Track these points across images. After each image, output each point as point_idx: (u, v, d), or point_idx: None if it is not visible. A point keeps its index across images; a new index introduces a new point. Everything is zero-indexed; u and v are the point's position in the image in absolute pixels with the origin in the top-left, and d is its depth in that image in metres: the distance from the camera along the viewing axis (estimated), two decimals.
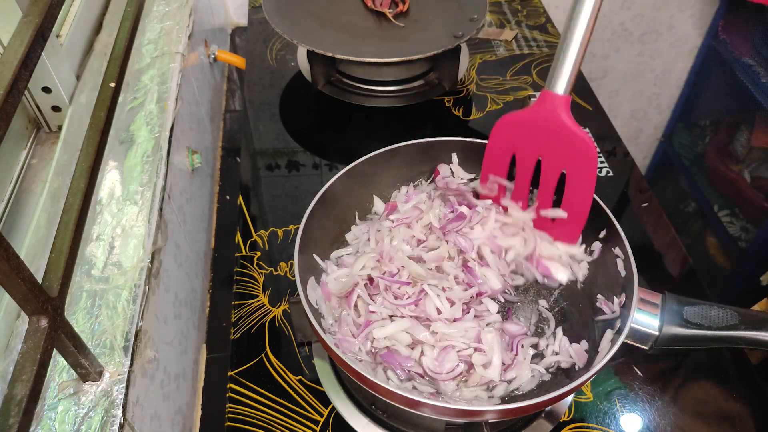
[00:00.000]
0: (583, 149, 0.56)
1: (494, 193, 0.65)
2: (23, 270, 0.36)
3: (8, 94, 0.37)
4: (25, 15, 0.44)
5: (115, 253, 0.56)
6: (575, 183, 0.59)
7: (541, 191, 0.62)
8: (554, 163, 0.59)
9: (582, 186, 0.58)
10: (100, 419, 0.45)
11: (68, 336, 0.42)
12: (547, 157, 0.60)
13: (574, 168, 0.58)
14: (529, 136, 0.59)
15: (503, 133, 0.62)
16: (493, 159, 0.64)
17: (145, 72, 0.77)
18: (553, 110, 0.56)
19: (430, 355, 0.55)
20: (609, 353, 0.49)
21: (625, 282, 0.56)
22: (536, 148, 0.60)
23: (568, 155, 0.57)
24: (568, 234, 0.62)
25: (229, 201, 0.98)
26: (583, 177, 0.58)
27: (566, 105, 0.56)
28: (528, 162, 0.61)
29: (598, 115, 0.98)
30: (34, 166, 0.69)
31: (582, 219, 0.60)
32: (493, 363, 0.54)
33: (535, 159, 0.60)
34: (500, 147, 0.63)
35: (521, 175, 0.63)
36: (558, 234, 0.63)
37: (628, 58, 1.69)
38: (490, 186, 0.65)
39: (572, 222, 0.61)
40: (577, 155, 0.57)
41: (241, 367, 0.66)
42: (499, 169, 0.64)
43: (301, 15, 0.95)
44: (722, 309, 0.53)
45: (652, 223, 0.84)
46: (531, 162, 0.61)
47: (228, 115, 1.14)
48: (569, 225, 0.61)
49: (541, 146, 0.59)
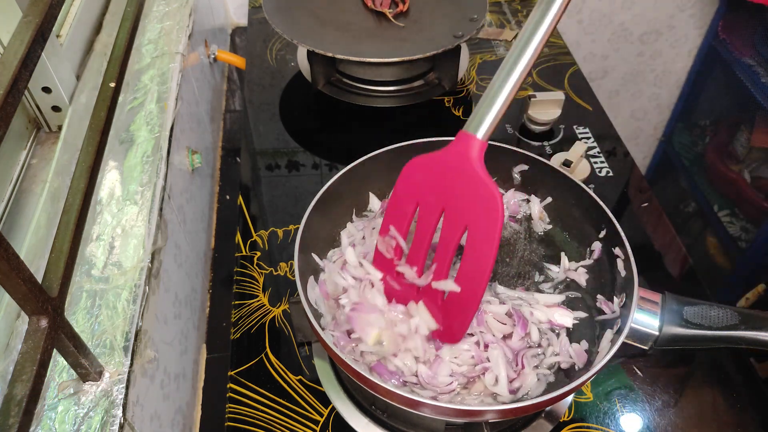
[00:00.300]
0: (487, 200, 0.48)
1: (390, 253, 0.56)
2: (23, 270, 0.36)
3: (8, 94, 0.37)
4: (25, 15, 0.44)
5: (115, 253, 0.56)
6: (474, 246, 0.49)
7: (438, 255, 0.52)
8: (457, 217, 0.50)
9: (480, 250, 0.48)
10: (100, 419, 0.45)
11: (68, 336, 0.42)
12: (450, 209, 0.51)
13: (476, 225, 0.49)
14: (435, 182, 0.51)
15: (411, 178, 0.54)
16: (397, 208, 0.54)
17: (145, 72, 0.77)
18: (465, 153, 0.50)
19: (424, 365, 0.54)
20: (609, 353, 0.49)
21: (625, 282, 0.56)
22: (441, 198, 0.51)
23: (471, 208, 0.49)
24: (453, 324, 0.51)
25: (229, 201, 0.98)
26: (483, 237, 0.48)
27: (481, 151, 0.50)
28: (430, 216, 0.52)
29: (598, 115, 0.98)
30: (34, 166, 0.69)
31: (474, 302, 0.50)
32: (500, 379, 0.53)
33: (439, 213, 0.52)
34: (406, 194, 0.54)
35: (421, 231, 0.53)
36: (443, 323, 0.52)
37: (628, 58, 1.69)
38: (388, 241, 0.56)
39: (463, 304, 0.50)
40: (480, 208, 0.48)
41: (241, 367, 0.66)
42: (402, 221, 0.55)
43: (301, 15, 0.95)
44: (722, 309, 0.53)
45: (652, 223, 0.84)
46: (434, 216, 0.52)
47: (228, 115, 1.14)
48: (458, 309, 0.51)
49: (446, 196, 0.51)
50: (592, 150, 0.92)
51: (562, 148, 0.91)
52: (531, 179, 0.68)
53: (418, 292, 0.54)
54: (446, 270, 0.52)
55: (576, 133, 0.94)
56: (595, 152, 0.91)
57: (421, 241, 0.53)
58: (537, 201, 0.68)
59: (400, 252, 0.55)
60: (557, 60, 1.09)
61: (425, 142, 0.67)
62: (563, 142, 0.93)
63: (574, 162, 0.83)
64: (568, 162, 0.83)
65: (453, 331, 0.52)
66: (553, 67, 1.08)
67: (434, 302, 0.53)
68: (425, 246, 0.53)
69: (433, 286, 0.52)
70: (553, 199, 0.67)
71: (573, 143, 0.85)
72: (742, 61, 1.50)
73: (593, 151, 0.91)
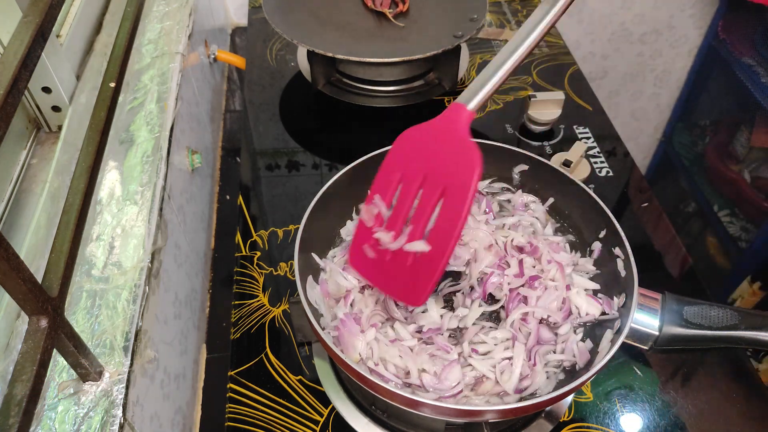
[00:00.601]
0: (465, 156, 0.49)
1: (371, 221, 0.56)
2: (23, 270, 0.36)
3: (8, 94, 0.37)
4: (25, 15, 0.44)
5: (115, 253, 0.56)
6: (447, 204, 0.50)
7: (414, 217, 0.52)
8: (436, 180, 0.51)
9: (453, 207, 0.49)
10: (100, 419, 0.45)
11: (68, 336, 0.42)
12: (431, 174, 0.52)
13: (453, 184, 0.49)
14: (421, 151, 0.53)
15: (400, 149, 0.55)
16: (384, 179, 0.55)
17: (145, 72, 0.77)
18: (453, 119, 0.52)
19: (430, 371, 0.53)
20: (609, 353, 0.49)
21: (625, 282, 0.56)
22: (424, 164, 0.52)
23: (450, 169, 0.50)
24: (418, 286, 0.51)
25: (229, 201, 0.98)
26: (458, 194, 0.49)
27: (468, 119, 0.52)
28: (412, 183, 0.53)
29: (598, 115, 0.98)
30: (34, 166, 0.69)
31: (440, 262, 0.49)
32: (513, 376, 0.53)
33: (421, 179, 0.52)
34: (393, 165, 0.55)
35: (402, 198, 0.53)
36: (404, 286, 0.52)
37: (628, 58, 1.69)
38: (371, 210, 0.56)
39: (430, 264, 0.50)
40: (459, 165, 0.50)
41: (241, 367, 0.66)
42: (386, 190, 0.55)
43: (301, 15, 0.95)
44: (722, 309, 0.53)
45: (652, 223, 0.84)
46: (415, 183, 0.53)
47: (228, 115, 1.14)
48: (425, 270, 0.50)
49: (429, 162, 0.52)
50: (592, 150, 0.92)
51: (562, 148, 0.91)
52: (531, 179, 0.68)
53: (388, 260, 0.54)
54: (420, 233, 0.52)
55: (576, 133, 0.94)
56: (595, 152, 0.91)
57: (401, 208, 0.53)
58: (540, 204, 0.67)
59: (380, 221, 0.55)
60: (557, 60, 1.09)
61: None
62: (563, 142, 0.93)
63: (574, 162, 0.83)
64: (568, 162, 0.83)
65: (417, 292, 0.51)
66: (553, 67, 1.08)
67: (403, 267, 0.52)
68: (404, 213, 0.53)
69: (404, 248, 0.52)
70: (553, 200, 0.67)
71: (573, 143, 0.85)
72: (742, 61, 1.50)
73: (593, 151, 0.91)
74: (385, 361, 0.54)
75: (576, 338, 0.56)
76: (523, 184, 0.69)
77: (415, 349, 0.54)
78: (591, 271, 0.61)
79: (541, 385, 0.53)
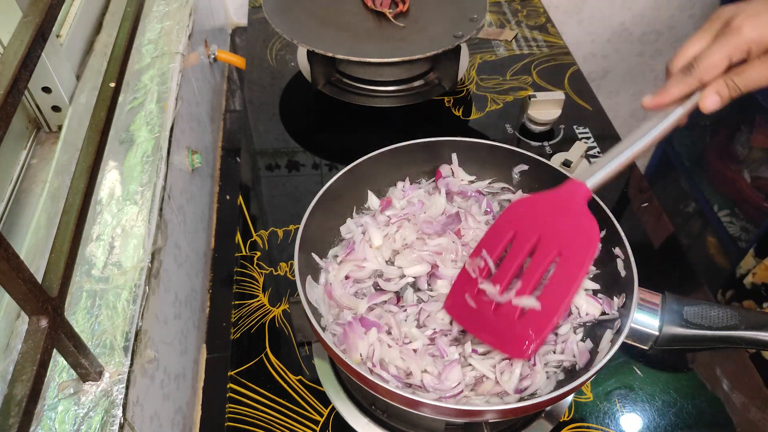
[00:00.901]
0: (586, 229, 0.53)
1: (476, 273, 0.57)
2: (23, 270, 0.36)
3: (8, 94, 0.37)
4: (25, 15, 0.44)
5: (115, 253, 0.56)
6: (563, 267, 0.52)
7: (526, 273, 0.54)
8: (552, 243, 0.54)
9: (569, 271, 0.52)
10: (100, 419, 0.45)
11: (68, 336, 0.42)
12: (546, 236, 0.55)
13: (571, 250, 0.53)
14: (536, 215, 0.56)
15: (514, 211, 0.58)
16: (494, 235, 0.58)
17: (145, 72, 0.77)
18: (573, 192, 0.54)
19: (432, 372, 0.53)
20: (609, 353, 0.49)
21: (625, 282, 0.56)
22: (539, 227, 0.55)
23: (568, 236, 0.53)
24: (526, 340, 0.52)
25: (229, 201, 0.98)
26: (575, 260, 0.52)
27: (586, 196, 0.54)
28: (525, 242, 0.55)
29: (598, 115, 0.98)
30: (34, 166, 0.69)
31: (552, 319, 0.52)
32: (514, 376, 0.53)
33: (534, 240, 0.55)
34: (505, 224, 0.58)
35: (512, 254, 0.56)
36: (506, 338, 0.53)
37: (628, 58, 1.69)
38: (477, 262, 0.58)
39: (541, 320, 0.52)
40: (578, 235, 0.53)
41: (241, 367, 0.66)
42: (496, 246, 0.57)
43: (301, 15, 0.95)
44: (722, 309, 0.53)
45: (652, 223, 0.84)
46: (528, 242, 0.55)
47: (228, 115, 1.14)
48: (535, 326, 0.52)
49: (545, 226, 0.55)
50: (592, 150, 0.92)
51: (562, 148, 0.91)
52: (531, 179, 0.68)
53: (491, 311, 0.55)
54: (530, 290, 0.53)
55: (576, 133, 0.94)
56: (595, 152, 0.91)
57: (511, 263, 0.55)
58: None
59: (485, 274, 0.57)
60: (557, 60, 1.10)
61: (425, 142, 0.67)
62: (563, 142, 0.93)
63: (574, 162, 0.83)
64: (568, 162, 0.83)
65: (523, 345, 0.52)
66: (553, 67, 1.08)
67: (508, 319, 0.53)
68: (514, 268, 0.55)
69: (514, 302, 0.53)
70: None
71: (573, 143, 0.85)
72: None
73: (593, 151, 0.91)
74: (386, 362, 0.54)
75: (576, 338, 0.56)
76: (523, 184, 0.69)
77: (420, 350, 0.54)
78: (591, 271, 0.61)
79: (541, 385, 0.53)
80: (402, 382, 0.53)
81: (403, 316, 0.58)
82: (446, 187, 0.68)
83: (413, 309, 0.58)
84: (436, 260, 0.61)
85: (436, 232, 0.64)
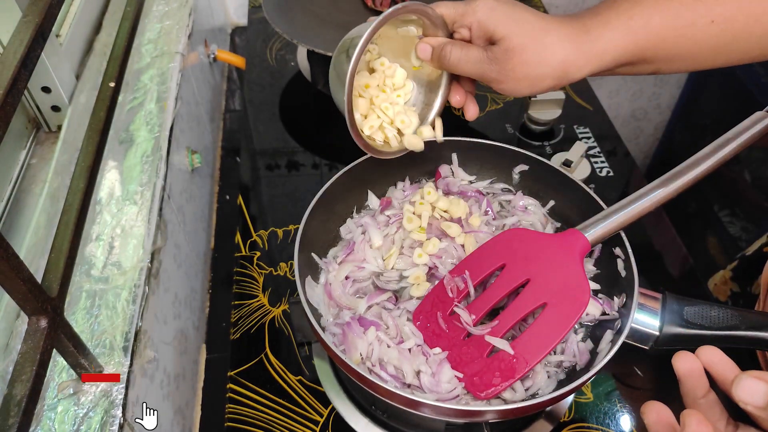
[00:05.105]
0: (577, 289, 0.52)
1: (453, 293, 0.56)
2: (23, 270, 0.36)
3: (8, 94, 0.37)
4: (25, 15, 0.44)
5: (115, 253, 0.56)
6: (545, 322, 0.51)
7: (504, 314, 0.53)
8: (539, 291, 0.52)
9: (550, 327, 0.51)
10: (100, 419, 0.45)
11: (68, 336, 0.42)
12: (535, 282, 0.53)
13: (556, 305, 0.51)
14: (530, 254, 0.54)
15: (508, 240, 0.56)
16: (481, 258, 0.56)
17: (144, 72, 0.77)
18: (572, 243, 0.54)
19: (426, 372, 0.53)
20: (609, 353, 0.49)
21: (625, 282, 0.56)
22: (530, 269, 0.54)
23: (557, 290, 0.52)
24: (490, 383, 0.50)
25: (229, 201, 0.98)
26: (559, 317, 0.51)
27: (585, 249, 0.54)
28: (512, 278, 0.54)
29: (598, 115, 0.98)
30: (33, 166, 0.69)
31: (521, 371, 0.50)
32: None
33: (522, 280, 0.54)
34: (496, 250, 0.56)
35: (496, 287, 0.54)
36: (470, 370, 0.51)
37: None
38: (457, 282, 0.56)
39: (510, 368, 0.50)
40: (568, 292, 0.52)
41: (241, 368, 0.66)
42: (480, 271, 0.56)
43: (301, 15, 0.95)
44: (723, 309, 0.53)
45: (652, 223, 0.84)
46: (515, 280, 0.54)
47: (228, 115, 1.14)
48: (502, 371, 0.50)
49: (537, 270, 0.53)
50: (593, 150, 0.92)
51: (563, 148, 0.91)
52: (531, 179, 0.68)
53: (460, 340, 0.54)
54: (505, 330, 0.52)
55: (576, 133, 0.94)
56: (596, 152, 0.91)
57: (492, 296, 0.54)
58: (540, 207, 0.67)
59: (461, 297, 0.56)
60: None
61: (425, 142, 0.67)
62: (563, 142, 0.93)
63: (575, 162, 0.83)
64: (569, 162, 0.83)
65: (485, 385, 0.51)
66: None
67: (477, 353, 0.52)
68: (493, 301, 0.54)
69: (487, 339, 0.52)
70: (554, 202, 0.67)
71: (573, 143, 0.85)
72: None
73: (593, 151, 0.91)
74: (384, 361, 0.54)
75: (576, 338, 0.56)
76: (524, 184, 0.69)
77: (414, 350, 0.54)
78: (591, 271, 0.61)
79: (542, 385, 0.53)
80: (400, 382, 0.53)
81: (398, 313, 0.58)
82: (446, 187, 0.68)
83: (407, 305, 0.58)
84: (435, 262, 0.61)
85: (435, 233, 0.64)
